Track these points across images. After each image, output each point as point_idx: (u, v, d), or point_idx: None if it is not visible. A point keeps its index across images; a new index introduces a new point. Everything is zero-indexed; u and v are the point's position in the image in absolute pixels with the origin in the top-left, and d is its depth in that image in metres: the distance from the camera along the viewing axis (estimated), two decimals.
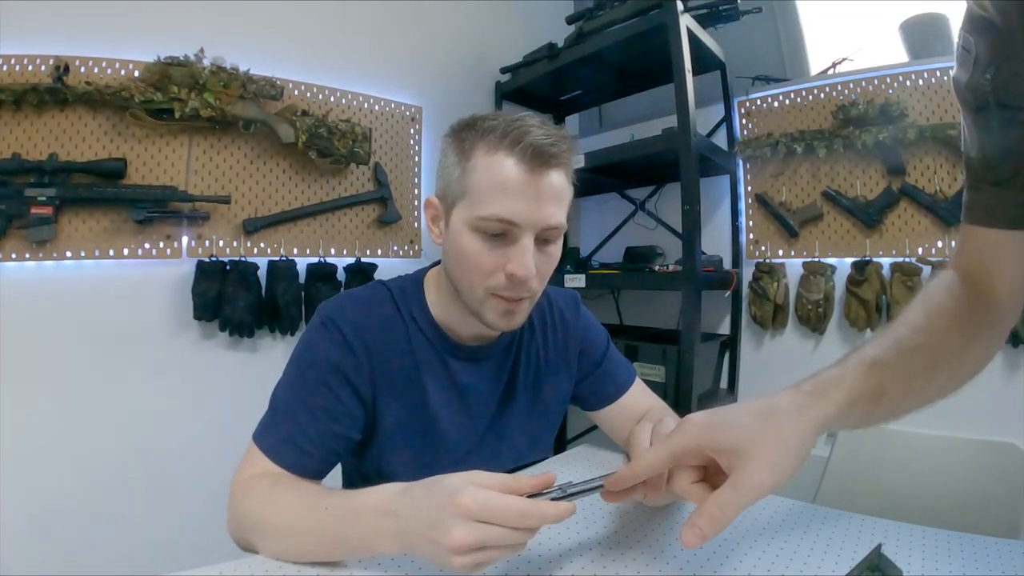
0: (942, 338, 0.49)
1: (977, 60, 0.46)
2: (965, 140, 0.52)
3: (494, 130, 0.61)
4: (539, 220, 0.61)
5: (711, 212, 1.86)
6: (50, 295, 1.30)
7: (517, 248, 0.61)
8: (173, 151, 1.44)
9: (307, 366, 0.66)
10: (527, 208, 0.60)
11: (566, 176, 0.65)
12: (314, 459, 0.64)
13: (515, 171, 0.60)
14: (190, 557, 0.59)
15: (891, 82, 1.53)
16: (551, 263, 0.66)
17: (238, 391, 1.50)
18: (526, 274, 0.61)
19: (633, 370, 0.88)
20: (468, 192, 0.62)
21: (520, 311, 0.66)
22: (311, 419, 0.63)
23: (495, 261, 0.62)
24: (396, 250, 1.83)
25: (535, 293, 0.66)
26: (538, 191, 0.61)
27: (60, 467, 1.30)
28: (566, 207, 0.65)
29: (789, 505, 0.67)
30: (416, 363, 0.70)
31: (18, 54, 1.25)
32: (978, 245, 0.52)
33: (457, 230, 0.64)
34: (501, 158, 0.60)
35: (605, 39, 1.69)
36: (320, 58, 1.70)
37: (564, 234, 0.69)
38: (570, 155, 0.64)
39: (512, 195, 0.60)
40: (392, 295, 0.73)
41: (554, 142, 0.60)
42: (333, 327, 0.66)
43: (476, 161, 0.62)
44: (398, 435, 0.71)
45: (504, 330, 0.68)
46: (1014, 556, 0.54)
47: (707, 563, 0.54)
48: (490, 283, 0.63)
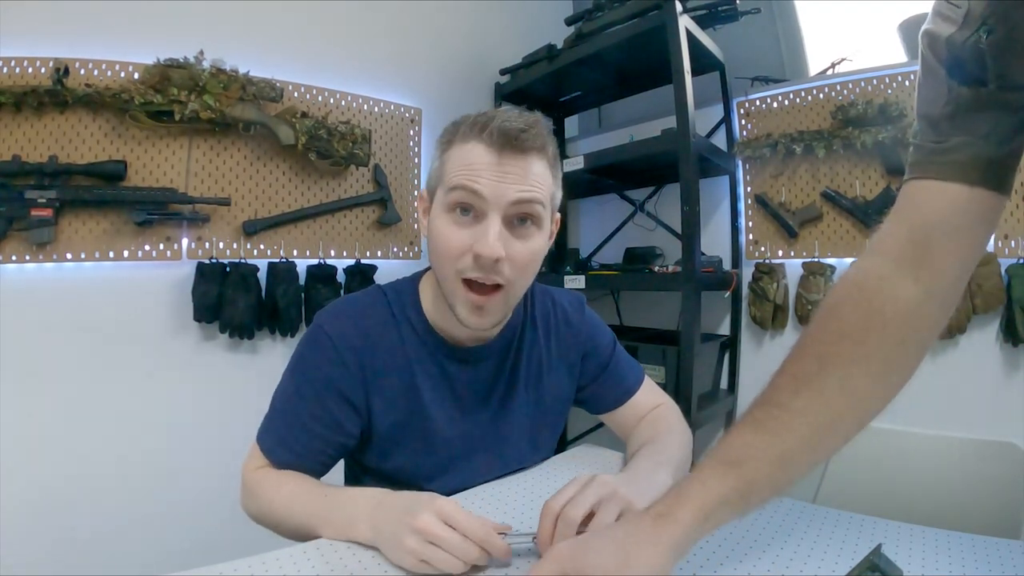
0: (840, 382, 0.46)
1: (968, 16, 0.43)
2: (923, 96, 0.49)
3: (466, 122, 0.64)
4: (505, 195, 0.61)
5: (711, 213, 1.86)
6: (50, 297, 1.30)
7: (483, 227, 0.61)
8: (173, 153, 1.44)
9: (300, 379, 0.69)
10: (491, 183, 0.61)
11: (544, 166, 0.65)
12: (308, 461, 0.68)
13: (483, 153, 0.62)
14: (190, 557, 0.59)
15: (890, 82, 1.53)
16: (529, 253, 0.64)
17: (238, 392, 1.50)
18: (491, 253, 0.60)
19: (641, 370, 0.88)
20: (443, 176, 0.65)
21: (491, 307, 0.65)
22: (302, 429, 0.68)
23: (463, 241, 0.62)
24: (396, 251, 1.83)
25: (512, 283, 0.64)
26: (504, 169, 0.61)
27: (60, 468, 1.30)
28: (544, 191, 0.64)
29: (789, 505, 0.67)
30: (410, 367, 0.71)
31: (18, 56, 1.25)
32: (933, 207, 0.47)
33: (435, 215, 0.66)
34: (472, 144, 0.63)
35: (604, 40, 1.69)
36: (320, 60, 1.71)
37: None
38: (541, 140, 0.63)
39: (477, 171, 0.61)
40: (388, 299, 0.74)
41: (522, 127, 0.61)
42: (325, 340, 0.68)
43: (451, 151, 0.64)
44: (395, 438, 0.72)
45: (475, 328, 0.67)
46: (1014, 556, 0.54)
47: (707, 563, 0.54)
48: (459, 265, 0.63)
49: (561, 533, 0.51)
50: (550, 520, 0.52)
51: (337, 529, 0.58)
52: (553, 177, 0.67)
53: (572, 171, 1.74)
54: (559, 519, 0.52)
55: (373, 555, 0.54)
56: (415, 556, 0.50)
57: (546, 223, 0.67)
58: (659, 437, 0.75)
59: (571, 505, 0.52)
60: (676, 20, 1.48)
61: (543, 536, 0.52)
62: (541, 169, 0.64)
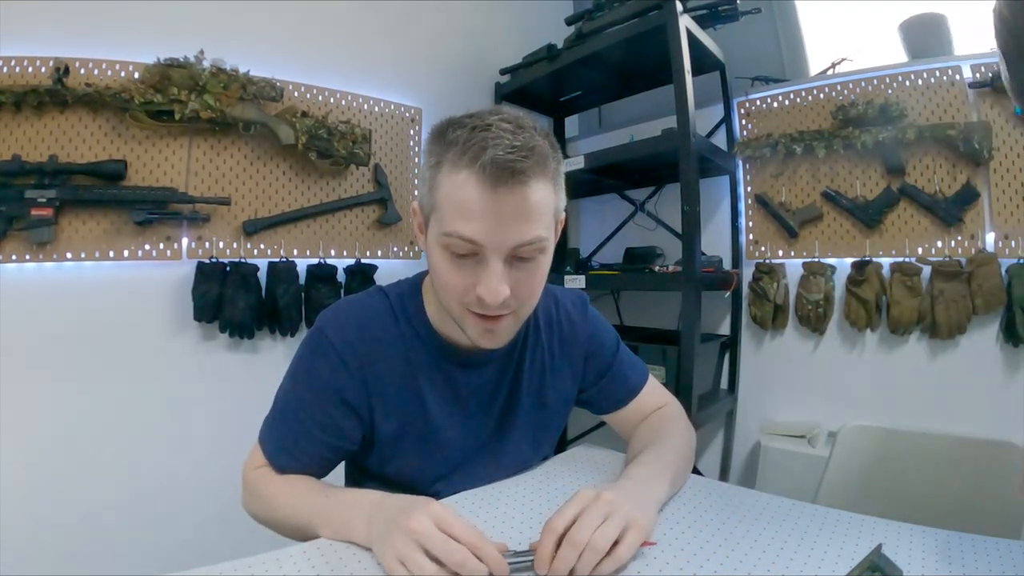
0: None
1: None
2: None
3: (456, 142, 0.57)
4: (505, 241, 0.57)
5: (711, 212, 1.86)
6: (50, 297, 1.30)
7: (485, 271, 0.58)
8: (173, 153, 1.44)
9: (302, 383, 0.69)
10: (490, 229, 0.56)
11: (544, 185, 0.59)
12: (309, 465, 0.69)
13: (476, 191, 0.55)
14: (190, 557, 0.59)
15: (890, 82, 1.53)
16: (534, 278, 0.62)
17: (238, 392, 1.50)
18: (493, 300, 0.58)
19: (645, 370, 0.87)
20: (436, 207, 0.60)
21: (501, 329, 0.63)
22: (303, 432, 0.68)
23: (466, 281, 0.59)
24: (396, 251, 1.83)
25: (519, 310, 0.63)
26: (500, 210, 0.56)
27: (60, 468, 1.30)
28: (545, 219, 0.60)
29: (789, 505, 0.67)
30: (413, 371, 0.70)
31: (18, 56, 1.25)
32: None
33: (431, 244, 0.62)
34: (463, 177, 0.56)
35: (604, 40, 1.69)
36: (320, 59, 1.71)
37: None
38: (540, 161, 0.57)
39: (474, 216, 0.56)
40: (390, 301, 0.72)
41: (517, 157, 0.54)
42: (327, 344, 0.67)
43: (442, 177, 0.58)
44: (397, 442, 0.71)
45: (488, 347, 0.65)
46: (1014, 556, 0.54)
47: (707, 563, 0.54)
48: (465, 300, 0.61)
49: (565, 557, 0.49)
50: (551, 540, 0.51)
51: (336, 529, 0.58)
52: (555, 192, 0.62)
53: (572, 171, 1.73)
54: (564, 541, 0.50)
55: (373, 555, 0.54)
56: (397, 556, 0.49)
57: (551, 242, 0.63)
58: (660, 441, 0.74)
59: (577, 528, 0.51)
60: (676, 20, 1.48)
61: (543, 556, 0.50)
62: (542, 194, 0.58)
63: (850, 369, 1.60)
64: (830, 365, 1.64)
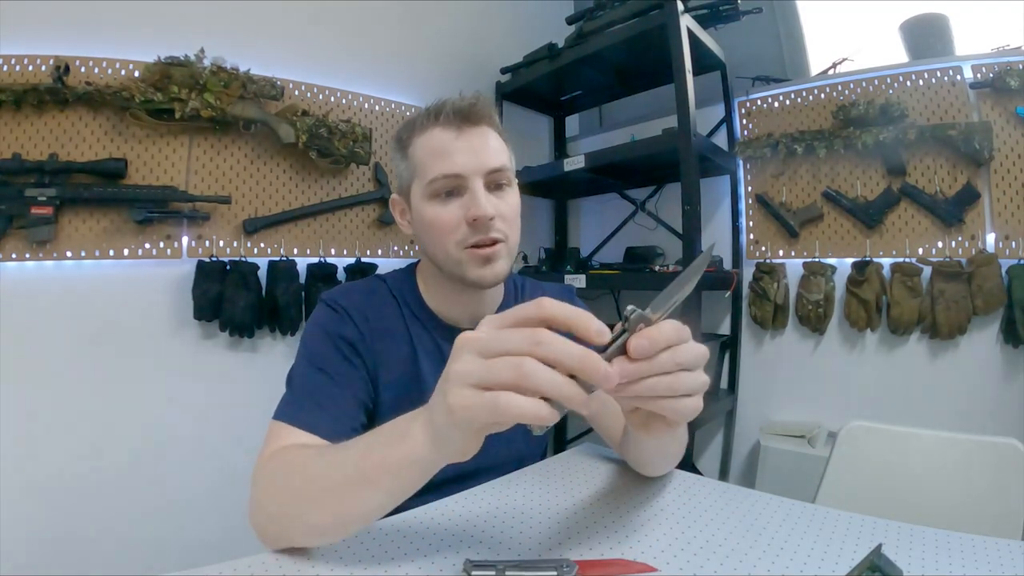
0: None
1: None
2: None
3: (418, 118, 0.71)
4: (481, 164, 0.67)
5: (711, 212, 1.86)
6: (50, 295, 1.30)
7: (469, 194, 0.67)
8: (173, 151, 1.44)
9: (319, 341, 0.70)
10: (465, 161, 0.67)
11: (497, 136, 0.71)
12: (342, 421, 0.63)
13: (446, 135, 0.67)
14: (190, 557, 0.59)
15: (891, 82, 1.53)
16: (512, 209, 0.71)
17: (238, 391, 1.50)
18: (485, 212, 0.66)
19: None
20: (415, 171, 0.70)
21: (498, 257, 0.69)
22: (332, 383, 0.67)
23: (456, 216, 0.67)
24: (396, 250, 1.83)
25: (507, 237, 0.70)
26: (470, 144, 0.67)
27: (60, 467, 1.30)
28: (504, 155, 0.71)
29: (789, 505, 0.67)
30: (412, 346, 0.74)
31: (18, 54, 1.25)
32: None
33: (418, 207, 0.70)
34: (431, 131, 0.68)
35: (605, 39, 1.69)
36: (320, 58, 1.70)
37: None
38: (488, 111, 0.70)
39: (449, 153, 0.67)
40: (387, 284, 0.78)
41: (471, 103, 0.68)
42: (337, 306, 0.72)
43: (414, 146, 0.70)
44: (393, 414, 0.69)
45: (490, 282, 0.70)
46: (1014, 556, 0.54)
47: (707, 563, 0.54)
48: (458, 237, 0.68)
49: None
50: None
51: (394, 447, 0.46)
52: (506, 144, 0.73)
53: (573, 170, 1.73)
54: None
55: (375, 555, 0.54)
56: (472, 382, 0.38)
57: (515, 183, 0.73)
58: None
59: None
60: (677, 19, 1.48)
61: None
62: (496, 140, 0.71)
63: (850, 369, 1.60)
64: (830, 365, 1.64)
